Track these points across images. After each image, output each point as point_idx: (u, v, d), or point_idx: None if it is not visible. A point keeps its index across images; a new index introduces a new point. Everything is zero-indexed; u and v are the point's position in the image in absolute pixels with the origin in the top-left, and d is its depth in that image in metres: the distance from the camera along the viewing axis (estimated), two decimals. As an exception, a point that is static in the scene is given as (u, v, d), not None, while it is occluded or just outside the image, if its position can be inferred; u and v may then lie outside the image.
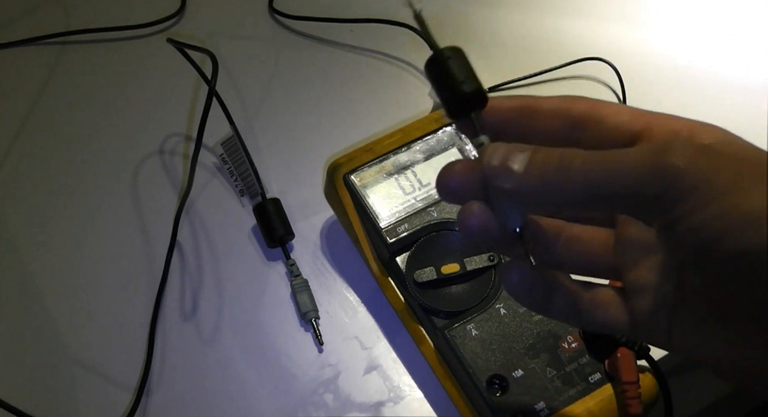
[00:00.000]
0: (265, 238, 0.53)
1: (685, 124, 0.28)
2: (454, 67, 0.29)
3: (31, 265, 0.54)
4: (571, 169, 0.26)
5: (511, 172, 0.27)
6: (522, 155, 0.27)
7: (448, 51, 0.30)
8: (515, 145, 0.27)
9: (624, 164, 0.25)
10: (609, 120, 0.29)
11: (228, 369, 0.49)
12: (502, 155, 0.27)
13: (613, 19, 0.66)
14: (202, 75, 0.55)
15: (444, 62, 0.30)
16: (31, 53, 0.65)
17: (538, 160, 0.26)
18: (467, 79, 0.29)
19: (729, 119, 0.61)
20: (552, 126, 0.30)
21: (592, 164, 0.26)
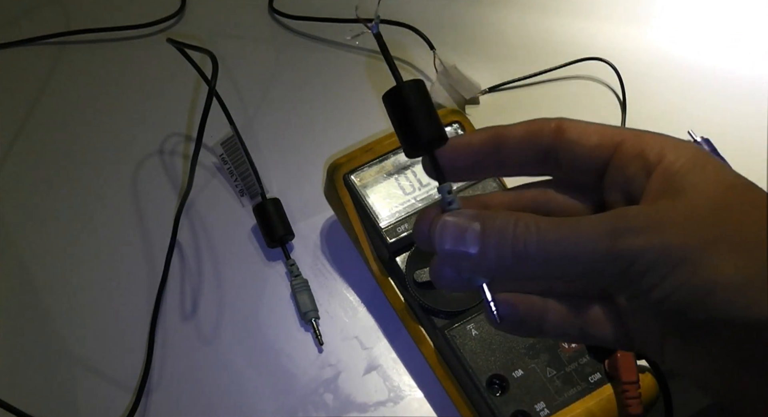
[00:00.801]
0: (265, 238, 0.53)
1: (656, 143, 0.27)
2: (413, 104, 0.28)
3: (31, 265, 0.54)
4: (527, 253, 0.25)
5: (465, 255, 0.26)
6: (474, 234, 0.26)
7: (409, 85, 0.29)
8: (463, 219, 0.27)
9: (581, 246, 0.25)
10: (578, 145, 0.28)
11: (228, 369, 0.49)
12: (454, 237, 0.26)
13: (613, 19, 0.66)
14: (202, 75, 0.54)
15: (403, 98, 0.28)
16: (31, 53, 0.65)
17: (492, 240, 0.26)
18: (426, 118, 0.28)
19: (729, 119, 0.61)
20: (522, 157, 0.29)
21: (548, 244, 0.25)
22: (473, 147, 0.29)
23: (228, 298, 0.52)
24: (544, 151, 0.29)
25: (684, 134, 0.58)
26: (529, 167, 0.30)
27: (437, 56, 0.60)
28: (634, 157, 0.27)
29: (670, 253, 0.24)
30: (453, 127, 0.50)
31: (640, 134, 0.28)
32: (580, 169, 0.29)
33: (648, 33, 0.65)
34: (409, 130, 0.28)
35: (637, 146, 0.27)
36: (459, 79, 0.59)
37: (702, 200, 0.25)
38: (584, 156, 0.28)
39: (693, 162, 0.26)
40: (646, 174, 0.27)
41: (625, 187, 0.28)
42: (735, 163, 0.55)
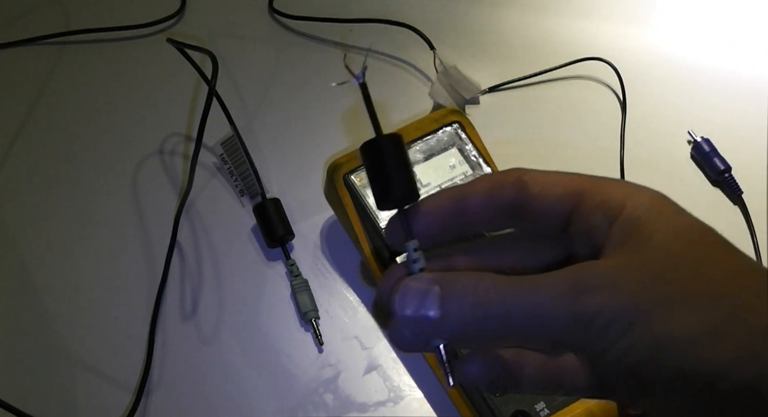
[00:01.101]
0: (265, 238, 0.53)
1: (617, 190, 0.27)
2: (389, 159, 0.28)
3: (31, 264, 0.54)
4: (488, 315, 0.25)
5: (426, 322, 0.26)
6: (434, 298, 0.26)
7: (387, 139, 0.29)
8: (423, 283, 0.27)
9: (541, 307, 0.25)
10: (540, 198, 0.28)
11: (228, 369, 0.49)
12: (414, 303, 0.26)
13: (613, 19, 0.66)
14: (202, 75, 0.54)
15: (380, 151, 0.29)
16: (31, 53, 0.65)
17: (453, 305, 0.26)
18: (400, 174, 0.28)
19: (729, 119, 0.61)
20: (486, 217, 0.29)
21: (509, 307, 0.25)
22: (436, 214, 0.29)
23: (228, 298, 0.52)
24: (507, 207, 0.29)
25: (684, 134, 0.58)
26: (494, 224, 0.29)
27: (437, 56, 0.60)
28: (597, 206, 0.27)
29: (626, 312, 0.24)
30: (453, 127, 0.50)
31: (602, 182, 0.28)
32: (544, 221, 0.29)
33: (648, 33, 0.65)
34: (383, 184, 0.28)
35: (599, 195, 0.27)
36: (459, 79, 0.59)
37: (658, 252, 0.25)
38: (547, 208, 0.28)
39: (651, 209, 0.27)
40: (608, 223, 0.27)
41: (589, 237, 0.28)
42: (735, 163, 0.56)
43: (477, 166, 0.49)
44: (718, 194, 0.56)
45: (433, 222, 0.29)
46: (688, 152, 0.58)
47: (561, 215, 0.28)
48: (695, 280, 0.25)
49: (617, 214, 0.27)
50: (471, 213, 0.29)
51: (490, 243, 0.31)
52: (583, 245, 0.28)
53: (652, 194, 0.28)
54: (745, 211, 0.55)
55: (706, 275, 0.25)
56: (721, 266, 0.26)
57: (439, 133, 0.50)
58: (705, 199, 0.56)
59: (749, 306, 0.24)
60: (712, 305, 0.24)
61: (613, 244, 0.26)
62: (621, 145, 0.58)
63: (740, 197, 0.55)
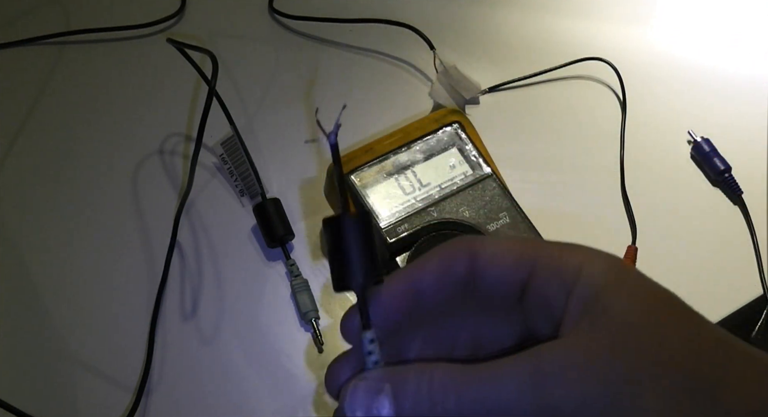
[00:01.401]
0: (265, 238, 0.53)
1: (572, 258, 0.26)
2: (352, 241, 0.26)
3: (30, 264, 0.54)
4: (447, 411, 0.24)
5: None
6: (386, 398, 0.25)
7: (353, 218, 0.27)
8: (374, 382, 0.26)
9: (503, 401, 0.24)
10: (491, 272, 0.27)
11: (228, 369, 0.49)
12: (365, 404, 0.26)
13: (613, 19, 0.66)
14: (202, 75, 0.54)
15: (344, 231, 0.27)
16: (31, 53, 0.65)
17: (407, 404, 0.25)
18: (363, 258, 0.26)
19: (729, 119, 0.61)
20: (440, 295, 0.28)
21: (468, 402, 0.24)
22: (394, 301, 0.28)
23: (228, 298, 0.52)
24: (460, 282, 0.28)
25: (684, 134, 0.58)
26: (449, 301, 0.28)
27: (437, 56, 0.60)
28: (551, 276, 0.26)
29: (592, 400, 0.23)
30: (453, 127, 0.50)
31: (555, 249, 0.27)
32: (498, 293, 0.28)
33: (648, 33, 0.65)
34: (343, 266, 0.27)
35: (553, 264, 0.26)
36: (459, 79, 0.59)
37: (620, 328, 0.24)
38: (500, 279, 0.27)
39: (609, 278, 0.25)
40: (564, 294, 0.26)
41: (545, 309, 0.27)
42: (735, 163, 0.56)
43: (477, 166, 0.49)
44: (718, 194, 0.56)
45: (391, 309, 0.28)
46: (688, 152, 0.58)
47: (515, 286, 0.27)
48: (662, 358, 0.24)
49: (573, 284, 0.26)
50: (426, 294, 0.28)
51: (444, 320, 0.29)
52: (540, 317, 0.27)
53: (608, 259, 0.26)
54: (745, 211, 0.55)
55: (674, 352, 0.24)
56: (688, 341, 0.24)
57: (439, 133, 0.50)
58: (705, 199, 0.56)
59: (720, 383, 0.23)
60: (681, 388, 0.23)
61: (572, 318, 0.25)
62: (621, 145, 0.58)
63: (740, 197, 0.55)
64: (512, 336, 0.29)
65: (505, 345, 0.29)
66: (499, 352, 0.29)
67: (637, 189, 0.56)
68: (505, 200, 0.48)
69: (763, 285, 0.51)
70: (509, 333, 0.29)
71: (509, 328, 0.29)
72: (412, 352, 0.29)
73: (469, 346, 0.29)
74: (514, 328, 0.29)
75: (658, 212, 0.55)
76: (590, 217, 0.55)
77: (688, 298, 0.53)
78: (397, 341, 0.29)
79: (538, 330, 0.27)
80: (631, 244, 0.53)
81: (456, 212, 0.47)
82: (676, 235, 0.54)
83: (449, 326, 0.29)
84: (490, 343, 0.29)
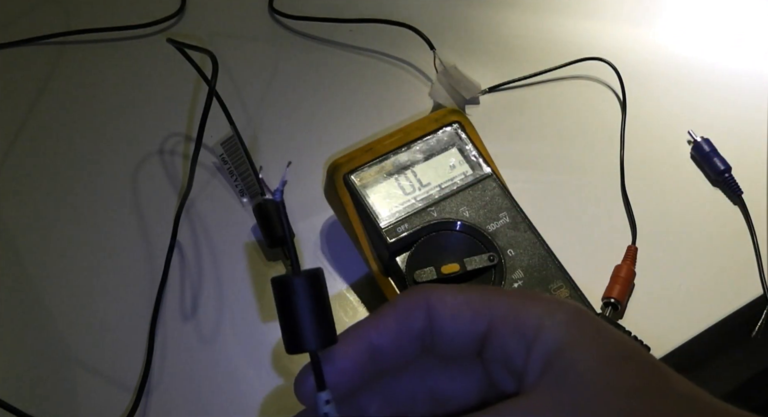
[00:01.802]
0: (265, 238, 0.53)
1: (531, 312, 0.25)
2: (301, 302, 0.25)
3: (31, 264, 0.54)
4: None
5: None
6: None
7: (301, 280, 0.25)
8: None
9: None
10: (448, 326, 0.26)
11: (228, 369, 0.49)
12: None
13: (612, 19, 0.66)
14: (202, 75, 0.54)
15: (292, 293, 0.25)
16: (31, 53, 0.65)
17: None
18: (315, 320, 0.25)
19: (729, 119, 0.61)
20: (398, 351, 0.27)
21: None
22: (349, 361, 0.27)
23: (228, 298, 0.52)
24: (419, 338, 0.27)
25: (684, 134, 0.58)
26: (407, 356, 0.27)
27: (437, 56, 0.60)
28: (511, 331, 0.25)
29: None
30: (453, 127, 0.50)
31: (514, 301, 0.26)
32: (457, 348, 0.27)
33: (648, 33, 0.65)
34: (293, 328, 0.25)
35: (511, 320, 0.26)
36: (459, 79, 0.59)
37: (583, 386, 0.23)
38: (458, 333, 0.26)
39: (571, 332, 0.25)
40: (525, 348, 0.25)
41: (506, 364, 0.26)
42: (735, 163, 0.56)
43: (477, 166, 0.49)
44: (718, 194, 0.56)
45: (347, 368, 0.27)
46: (688, 152, 0.58)
47: (474, 340, 0.26)
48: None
49: (534, 338, 0.25)
50: (383, 351, 0.27)
51: (402, 377, 0.28)
52: (501, 371, 0.26)
53: (569, 311, 0.25)
54: (745, 211, 0.55)
55: (640, 414, 0.23)
56: (655, 401, 0.24)
57: (439, 133, 0.50)
58: (705, 199, 0.56)
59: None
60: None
61: (533, 373, 0.25)
62: (621, 145, 0.58)
63: (740, 197, 0.55)
64: (473, 390, 0.28)
65: (467, 400, 0.28)
66: (460, 407, 0.28)
67: (637, 189, 0.56)
68: (505, 200, 0.48)
69: (763, 285, 0.51)
70: (470, 387, 0.28)
71: (470, 382, 0.28)
72: (370, 410, 0.28)
73: (428, 403, 0.28)
74: (474, 383, 0.28)
75: (658, 212, 0.55)
76: (590, 217, 0.55)
77: (688, 298, 0.53)
78: (355, 400, 0.28)
79: (498, 384, 0.27)
80: (631, 244, 0.53)
81: (456, 212, 0.47)
82: (676, 235, 0.54)
83: (407, 383, 0.28)
84: (450, 399, 0.28)
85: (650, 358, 0.25)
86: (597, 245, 0.53)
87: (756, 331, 0.49)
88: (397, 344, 0.27)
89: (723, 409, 0.24)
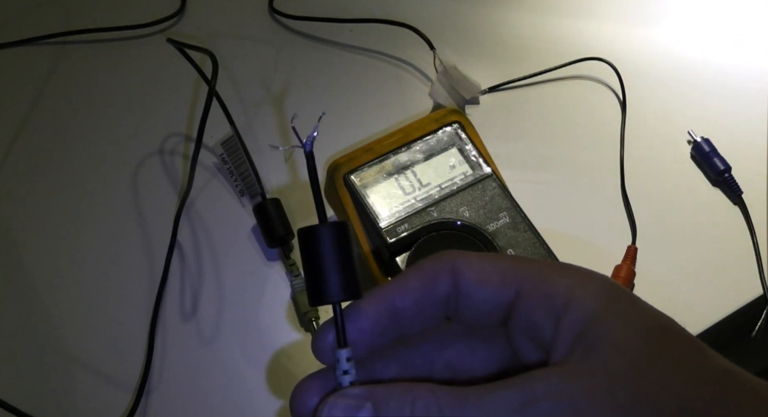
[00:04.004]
0: (265, 238, 0.53)
1: (561, 282, 0.24)
2: (328, 252, 0.25)
3: (30, 264, 0.54)
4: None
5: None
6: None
7: (330, 228, 0.25)
8: (353, 400, 0.24)
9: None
10: (474, 292, 0.26)
11: (228, 369, 0.49)
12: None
13: (613, 19, 0.66)
14: (202, 75, 0.54)
15: (320, 241, 0.25)
16: (31, 53, 0.65)
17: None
18: (341, 270, 0.25)
19: (729, 119, 0.61)
20: (421, 315, 0.26)
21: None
22: (372, 319, 0.26)
23: (228, 298, 0.52)
24: (443, 303, 0.26)
25: (684, 134, 0.58)
26: (430, 321, 0.27)
27: (437, 56, 0.60)
28: (540, 300, 0.25)
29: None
30: (453, 127, 0.50)
31: (544, 270, 0.25)
32: (481, 314, 0.26)
33: (648, 33, 0.65)
34: (319, 279, 0.25)
35: (541, 288, 0.25)
36: (459, 79, 0.59)
37: (617, 359, 0.23)
38: (484, 300, 0.26)
39: (601, 303, 0.24)
40: (554, 320, 0.24)
41: (533, 334, 0.25)
42: (735, 163, 0.56)
43: (477, 166, 0.49)
44: (718, 194, 0.56)
45: (367, 328, 0.26)
46: (688, 152, 0.58)
47: (500, 308, 0.26)
48: (661, 392, 0.22)
49: (564, 310, 0.24)
50: (406, 313, 0.26)
51: (422, 343, 0.28)
52: (526, 343, 0.26)
53: (602, 283, 0.25)
54: (745, 211, 0.55)
55: (675, 386, 0.23)
56: (692, 376, 0.23)
57: (439, 133, 0.50)
58: (705, 199, 0.56)
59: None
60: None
61: (564, 345, 0.24)
62: (621, 145, 0.58)
63: (740, 197, 0.55)
64: (493, 362, 0.27)
65: (486, 372, 0.27)
66: (479, 379, 0.27)
67: (637, 189, 0.56)
68: (505, 200, 0.48)
69: (763, 285, 0.51)
70: (490, 359, 0.27)
71: (491, 354, 0.27)
72: (386, 377, 0.27)
73: (446, 373, 0.28)
74: (496, 355, 0.27)
75: (658, 212, 0.55)
76: (590, 217, 0.55)
77: (688, 298, 0.53)
78: (371, 365, 0.27)
79: (523, 356, 0.26)
80: (631, 244, 0.53)
81: (456, 212, 0.47)
82: (676, 235, 0.54)
83: (426, 352, 0.28)
84: (469, 370, 0.27)
85: (686, 332, 0.24)
86: (597, 245, 0.53)
87: (756, 331, 0.49)
88: (420, 308, 0.26)
89: (759, 383, 0.24)
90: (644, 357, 0.23)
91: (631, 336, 0.23)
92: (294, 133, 0.27)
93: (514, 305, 0.25)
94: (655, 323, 0.24)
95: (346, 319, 0.25)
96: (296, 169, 0.58)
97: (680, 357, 0.23)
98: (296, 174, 0.57)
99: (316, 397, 0.26)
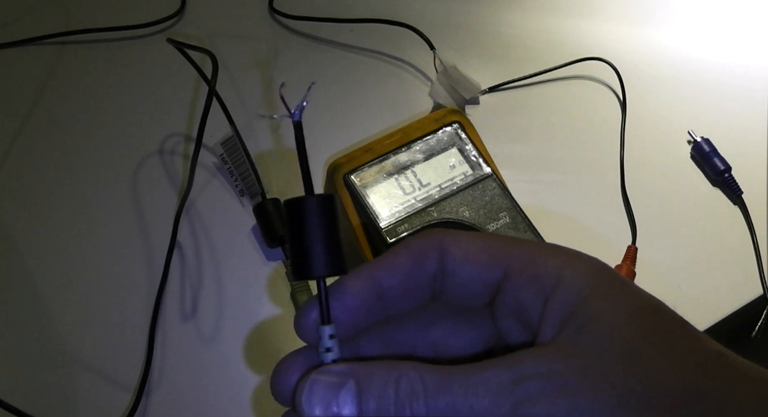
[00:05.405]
0: (265, 238, 0.53)
1: (550, 262, 0.24)
2: (313, 225, 0.24)
3: (30, 264, 0.54)
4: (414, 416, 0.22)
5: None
6: (349, 395, 0.23)
7: (316, 200, 0.24)
8: (335, 377, 0.23)
9: (477, 411, 0.22)
10: (461, 270, 0.25)
11: (228, 369, 0.49)
12: (324, 401, 0.23)
13: (612, 19, 0.66)
14: (202, 75, 0.54)
15: (305, 214, 0.24)
16: (31, 53, 0.65)
17: (371, 404, 0.22)
18: (325, 245, 0.24)
19: (729, 119, 0.61)
20: (408, 294, 0.26)
21: (439, 409, 0.22)
22: (357, 297, 0.25)
23: (228, 298, 0.52)
24: (429, 282, 0.25)
25: (684, 134, 0.58)
26: (416, 301, 0.26)
27: (437, 56, 0.60)
28: (528, 281, 0.24)
29: (578, 414, 0.21)
30: (453, 127, 0.50)
31: (533, 249, 0.25)
32: (467, 294, 0.25)
33: (648, 33, 0.65)
34: (303, 252, 0.24)
35: (530, 268, 0.24)
36: (459, 79, 0.59)
37: (608, 341, 0.22)
38: (470, 279, 0.25)
39: (591, 284, 0.24)
40: (542, 299, 0.24)
41: (520, 315, 0.25)
42: (735, 163, 0.56)
43: (477, 166, 0.49)
44: (718, 194, 0.56)
45: (353, 306, 0.25)
46: (688, 152, 0.58)
47: (487, 287, 0.25)
48: (653, 373, 0.22)
49: (553, 289, 0.24)
50: (392, 291, 0.25)
51: (406, 320, 0.27)
52: (512, 323, 0.25)
53: (591, 264, 0.24)
54: (745, 211, 0.55)
55: (668, 367, 0.22)
56: (683, 355, 0.23)
57: (439, 133, 0.50)
58: (705, 199, 0.56)
59: (720, 406, 0.22)
60: (678, 410, 0.22)
61: (552, 325, 0.23)
62: (621, 145, 0.58)
63: (740, 197, 0.55)
64: (477, 343, 0.27)
65: (470, 352, 0.27)
66: (463, 359, 0.27)
67: (637, 189, 0.56)
68: (505, 200, 0.48)
69: (763, 285, 0.51)
70: (474, 339, 0.27)
71: (475, 333, 0.27)
72: (369, 355, 0.27)
73: (429, 352, 0.27)
74: (480, 335, 0.27)
75: (658, 212, 0.55)
76: (590, 217, 0.55)
77: (688, 298, 0.53)
78: (354, 344, 0.27)
79: (508, 336, 0.26)
80: (631, 244, 0.53)
81: (456, 212, 0.47)
82: (676, 235, 0.54)
83: (411, 332, 0.27)
84: (453, 350, 0.27)
85: (677, 314, 0.24)
86: (597, 245, 0.53)
87: (756, 331, 0.49)
88: (407, 286, 0.25)
89: (750, 366, 0.23)
90: (636, 338, 0.22)
91: (621, 317, 0.23)
92: (282, 102, 0.26)
93: (501, 285, 0.25)
94: (645, 305, 0.24)
95: (331, 296, 0.25)
96: (296, 168, 0.57)
97: (672, 338, 0.23)
98: (296, 174, 0.57)
99: (297, 374, 0.25)
